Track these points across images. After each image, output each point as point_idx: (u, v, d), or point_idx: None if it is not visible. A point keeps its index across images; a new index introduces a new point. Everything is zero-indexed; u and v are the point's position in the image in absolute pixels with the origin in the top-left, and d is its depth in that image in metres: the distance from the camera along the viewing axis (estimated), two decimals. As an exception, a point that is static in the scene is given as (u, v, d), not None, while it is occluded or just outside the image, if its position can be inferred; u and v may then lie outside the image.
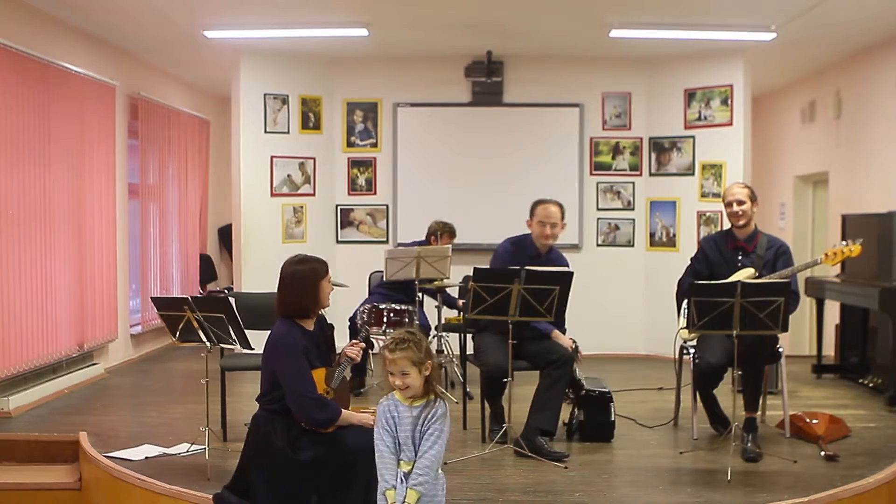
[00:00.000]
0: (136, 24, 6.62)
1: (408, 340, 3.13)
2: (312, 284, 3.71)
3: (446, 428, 3.14)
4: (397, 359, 3.09)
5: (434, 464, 3.08)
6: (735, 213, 4.87)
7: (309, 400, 3.55)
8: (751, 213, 4.87)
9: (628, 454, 4.69)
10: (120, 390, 6.42)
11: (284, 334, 3.66)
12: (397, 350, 3.10)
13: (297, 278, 3.70)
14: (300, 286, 3.70)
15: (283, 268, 3.78)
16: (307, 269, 3.73)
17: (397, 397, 3.17)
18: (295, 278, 3.71)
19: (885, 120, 6.96)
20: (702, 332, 4.56)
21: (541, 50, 7.61)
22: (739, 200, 4.85)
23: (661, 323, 6.90)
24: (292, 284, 3.71)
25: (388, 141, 8.01)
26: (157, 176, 8.03)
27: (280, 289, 3.74)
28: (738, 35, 6.75)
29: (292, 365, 3.58)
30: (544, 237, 4.95)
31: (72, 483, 4.54)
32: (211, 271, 9.64)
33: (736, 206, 4.86)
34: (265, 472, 3.57)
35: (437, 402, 3.15)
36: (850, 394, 6.17)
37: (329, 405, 3.58)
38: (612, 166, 8.01)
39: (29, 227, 5.75)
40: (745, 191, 4.89)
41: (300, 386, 3.56)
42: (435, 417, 3.11)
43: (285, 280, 3.73)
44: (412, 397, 3.14)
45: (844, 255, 4.66)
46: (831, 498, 3.88)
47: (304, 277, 3.71)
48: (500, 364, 4.66)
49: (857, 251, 4.64)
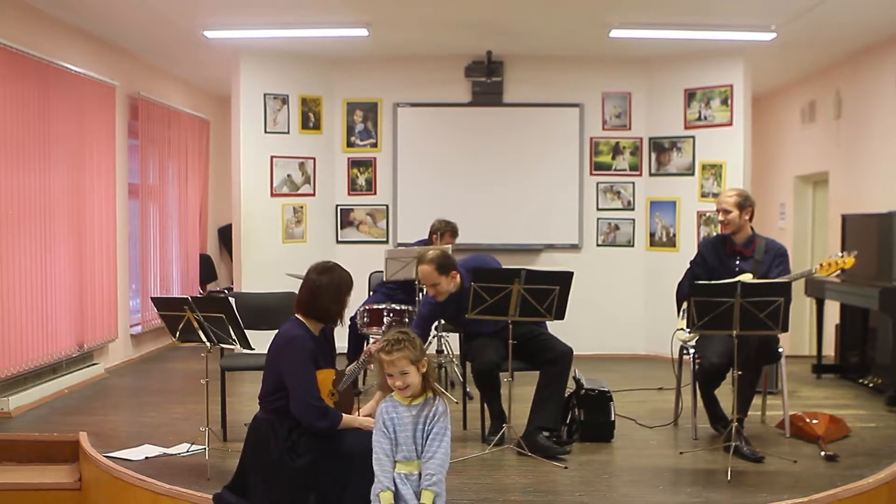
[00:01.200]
0: (136, 24, 6.63)
1: (403, 340, 3.14)
2: (346, 292, 3.75)
3: (449, 425, 3.15)
4: (396, 359, 3.10)
5: (444, 462, 3.10)
6: (721, 222, 4.93)
7: (313, 408, 3.53)
8: (738, 221, 4.86)
9: (628, 454, 4.68)
10: (120, 390, 6.42)
11: (296, 337, 3.63)
12: (394, 351, 3.11)
13: (335, 283, 3.71)
14: (336, 292, 3.70)
15: (319, 270, 3.75)
16: (345, 277, 3.76)
17: (396, 398, 3.17)
18: (333, 282, 3.71)
19: (885, 120, 6.96)
20: (702, 332, 4.57)
21: (541, 50, 7.61)
22: (725, 210, 4.88)
23: (661, 323, 6.90)
24: (329, 286, 3.69)
25: (388, 141, 8.01)
26: (157, 176, 8.03)
27: (311, 290, 3.70)
28: (738, 35, 6.75)
29: (302, 371, 3.56)
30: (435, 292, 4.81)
31: (72, 483, 4.54)
32: (211, 271, 9.64)
33: (721, 216, 4.91)
34: (263, 476, 3.57)
35: (435, 399, 3.16)
36: (850, 394, 6.17)
37: (329, 413, 3.56)
38: (612, 166, 8.01)
39: (29, 227, 5.74)
40: (733, 199, 4.87)
41: (306, 394, 3.53)
42: (437, 416, 3.12)
43: (322, 281, 3.70)
44: (411, 396, 3.15)
45: (839, 266, 4.66)
46: (831, 498, 3.88)
47: (340, 284, 3.73)
48: (489, 359, 4.67)
49: (851, 263, 4.64)
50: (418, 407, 3.14)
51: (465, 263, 4.97)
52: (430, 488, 3.05)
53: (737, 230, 4.88)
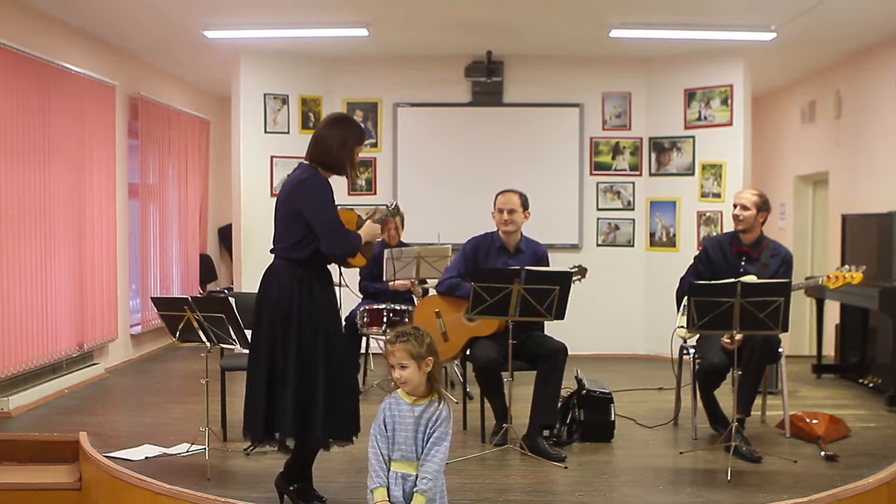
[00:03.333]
0: (136, 25, 6.63)
1: (409, 334, 3.14)
2: (353, 142, 3.75)
3: (450, 431, 3.15)
4: (396, 350, 3.11)
5: (440, 467, 3.09)
6: (736, 216, 4.88)
7: (343, 233, 3.66)
8: (753, 221, 4.85)
9: (628, 454, 4.69)
10: (120, 390, 6.42)
11: (311, 176, 3.69)
12: (397, 342, 3.12)
13: (342, 128, 3.76)
14: (341, 138, 3.72)
15: (330, 116, 3.92)
16: (354, 127, 3.80)
17: (400, 395, 3.18)
18: (339, 128, 3.75)
19: (885, 120, 6.96)
20: (702, 332, 4.57)
21: (541, 50, 7.61)
22: (744, 206, 4.85)
23: (661, 323, 6.89)
24: (335, 134, 3.73)
25: (388, 141, 8.01)
26: (157, 176, 8.03)
27: (318, 138, 3.75)
28: (738, 35, 6.75)
29: (326, 202, 3.64)
30: (503, 223, 4.95)
31: (72, 483, 4.54)
32: (211, 271, 9.64)
33: (738, 210, 4.86)
34: (262, 318, 3.70)
35: (440, 403, 3.15)
36: (850, 394, 6.17)
37: (350, 235, 3.70)
38: (612, 166, 8.01)
39: (29, 227, 5.75)
40: (754, 199, 4.86)
41: (335, 220, 3.65)
42: (440, 420, 3.11)
43: (331, 125, 3.78)
44: (414, 395, 3.14)
45: (846, 280, 4.65)
46: (831, 498, 3.88)
47: (347, 131, 3.75)
48: (491, 357, 4.67)
49: (859, 279, 4.63)
50: (422, 407, 3.13)
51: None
52: (424, 493, 3.04)
53: (748, 229, 4.87)
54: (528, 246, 5.05)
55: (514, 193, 4.99)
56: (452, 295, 4.96)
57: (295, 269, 3.68)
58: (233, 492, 3.93)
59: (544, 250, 5.09)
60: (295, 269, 3.68)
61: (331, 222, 3.64)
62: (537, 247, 5.07)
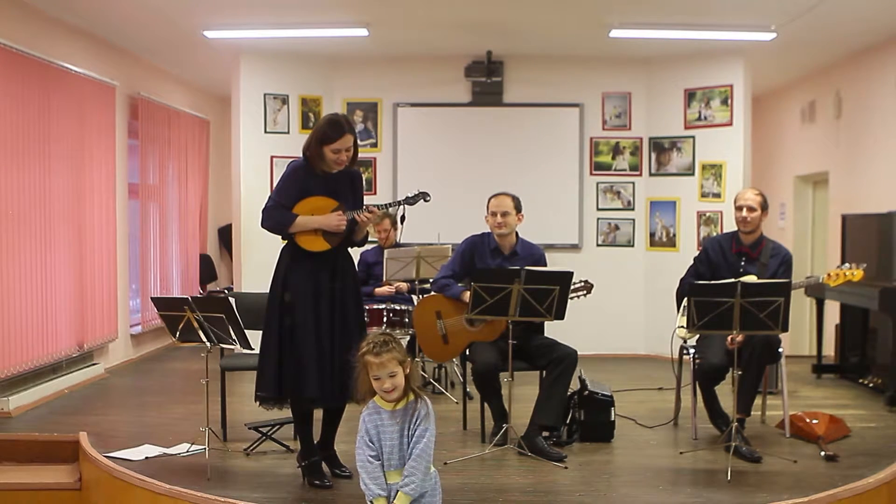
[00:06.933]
0: (136, 24, 6.63)
1: (390, 342, 3.08)
2: (320, 139, 3.97)
3: (432, 426, 3.09)
4: (385, 361, 3.03)
5: (421, 464, 3.03)
6: (743, 219, 4.85)
7: (269, 209, 4.07)
8: (759, 221, 4.85)
9: (628, 454, 4.69)
10: (120, 390, 6.42)
11: (291, 163, 4.14)
12: (384, 353, 3.04)
13: (320, 127, 4.04)
14: (316, 136, 4.00)
15: (326, 115, 4.34)
16: (328, 128, 3.99)
17: (378, 403, 3.11)
18: (319, 126, 4.05)
19: (885, 120, 6.96)
20: (702, 332, 4.57)
21: (541, 50, 7.61)
22: (750, 207, 4.83)
23: (661, 323, 6.90)
24: (317, 127, 4.05)
25: (388, 141, 8.01)
26: (157, 176, 8.03)
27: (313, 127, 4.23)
28: (738, 35, 6.76)
29: (281, 182, 4.11)
30: (496, 227, 4.93)
31: (72, 483, 4.54)
32: (211, 271, 9.64)
33: (746, 212, 4.84)
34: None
35: (418, 402, 3.10)
36: (850, 394, 6.17)
37: (278, 214, 4.05)
38: (612, 166, 8.01)
39: (29, 226, 5.75)
40: (759, 199, 4.85)
41: (274, 197, 4.09)
42: (419, 418, 3.07)
43: (318, 123, 4.19)
44: (393, 400, 3.09)
45: (846, 277, 4.66)
46: (831, 498, 3.88)
47: (322, 130, 3.99)
48: (488, 361, 4.66)
49: (860, 276, 4.64)
50: (401, 412, 3.07)
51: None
52: (408, 492, 2.99)
53: (753, 230, 4.88)
54: (525, 249, 5.01)
55: (506, 196, 4.96)
56: (443, 295, 4.95)
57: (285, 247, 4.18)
58: (233, 492, 3.93)
59: (541, 253, 5.07)
60: (285, 248, 4.18)
61: (270, 199, 4.10)
62: (534, 250, 5.04)
